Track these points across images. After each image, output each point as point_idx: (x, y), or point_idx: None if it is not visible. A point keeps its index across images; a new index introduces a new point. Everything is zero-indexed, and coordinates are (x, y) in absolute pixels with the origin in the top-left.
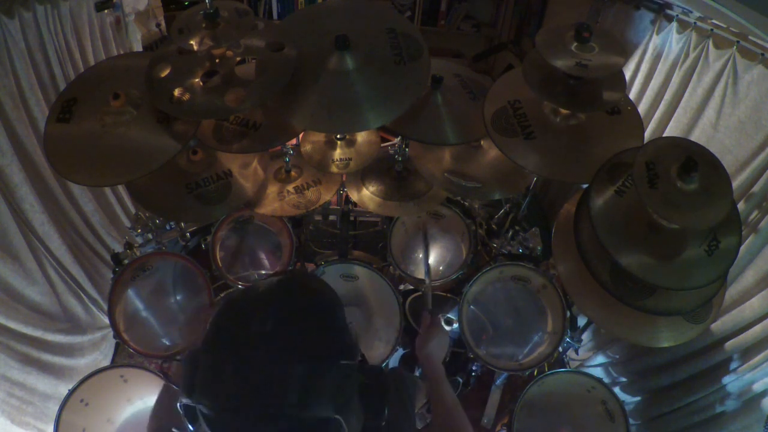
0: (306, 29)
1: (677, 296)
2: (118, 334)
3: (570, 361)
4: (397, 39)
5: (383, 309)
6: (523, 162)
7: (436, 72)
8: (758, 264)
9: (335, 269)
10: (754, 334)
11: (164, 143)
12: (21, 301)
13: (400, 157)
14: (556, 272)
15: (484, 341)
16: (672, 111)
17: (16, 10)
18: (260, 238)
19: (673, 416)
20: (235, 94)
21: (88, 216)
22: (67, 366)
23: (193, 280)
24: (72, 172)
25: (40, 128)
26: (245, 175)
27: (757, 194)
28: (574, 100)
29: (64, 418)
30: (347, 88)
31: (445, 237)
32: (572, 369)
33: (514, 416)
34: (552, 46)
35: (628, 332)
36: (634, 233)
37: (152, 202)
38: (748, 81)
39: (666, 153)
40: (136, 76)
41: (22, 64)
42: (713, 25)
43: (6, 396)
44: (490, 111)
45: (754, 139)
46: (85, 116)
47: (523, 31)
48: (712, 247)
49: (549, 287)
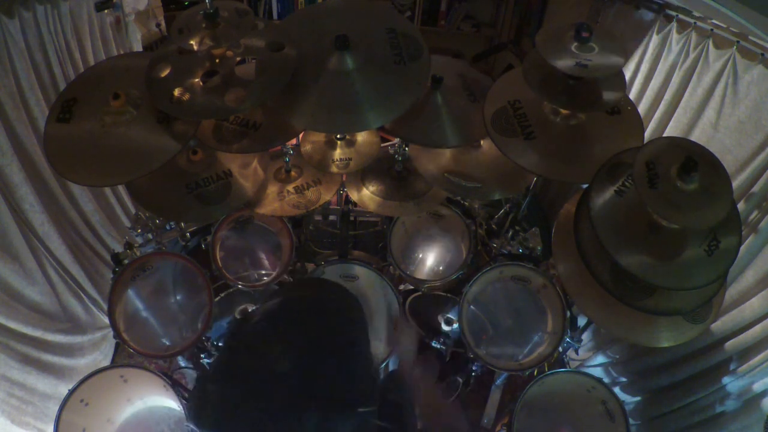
0: (306, 29)
1: (677, 296)
2: (118, 334)
3: (570, 361)
4: (397, 39)
5: (383, 309)
6: (523, 162)
7: (436, 72)
8: (758, 264)
9: (335, 269)
10: (754, 334)
11: (164, 143)
12: (21, 301)
13: (400, 157)
14: (556, 272)
15: (484, 341)
16: (672, 111)
17: (16, 10)
18: (260, 238)
19: (673, 416)
20: (235, 94)
21: (88, 216)
22: (67, 366)
23: (193, 280)
24: (72, 172)
25: (40, 128)
26: (245, 175)
27: (757, 194)
28: (574, 100)
29: (64, 418)
30: (347, 88)
31: (445, 237)
32: (572, 369)
33: (514, 416)
34: (552, 46)
35: (628, 332)
36: (634, 233)
37: (152, 202)
38: (748, 81)
39: (666, 153)
40: (136, 76)
41: (22, 64)
42: (713, 25)
43: (6, 396)
44: (490, 111)
45: (754, 139)
46: (85, 116)
47: (523, 31)
48: (712, 247)
49: (549, 287)
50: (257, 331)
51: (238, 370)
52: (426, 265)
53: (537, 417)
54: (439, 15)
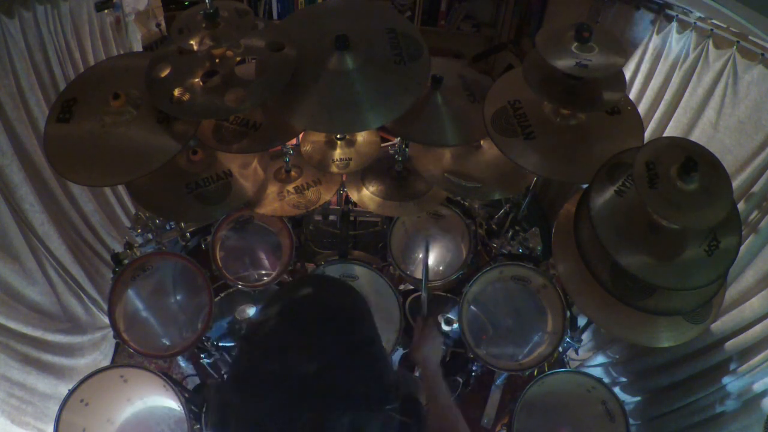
0: (306, 29)
1: (677, 296)
2: (118, 334)
3: (570, 361)
4: (397, 39)
5: (383, 309)
6: (523, 162)
7: (436, 72)
8: (758, 264)
9: (335, 269)
10: (754, 334)
11: (164, 143)
12: (21, 301)
13: (400, 157)
14: (556, 272)
15: (484, 341)
16: (672, 111)
17: (16, 10)
18: (260, 238)
19: (673, 416)
20: (235, 94)
21: (88, 216)
22: (67, 366)
23: (193, 280)
24: (72, 172)
25: (40, 128)
26: (245, 175)
27: (757, 194)
28: (574, 100)
29: (64, 418)
30: (347, 88)
31: (445, 237)
32: (572, 369)
33: (514, 416)
34: (552, 46)
35: (628, 332)
36: (634, 233)
37: (152, 202)
38: (748, 81)
39: (666, 153)
40: (136, 76)
41: (22, 64)
42: (713, 25)
43: (6, 396)
44: (490, 111)
45: (754, 139)
46: (85, 116)
47: (523, 31)
48: (712, 247)
49: (549, 287)
50: (273, 337)
51: (259, 379)
52: None
53: (537, 417)
54: (439, 15)
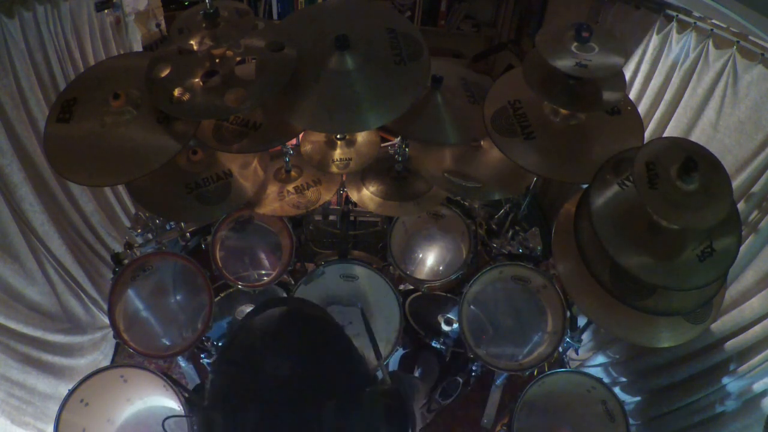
0: (306, 29)
1: (677, 296)
2: (118, 334)
3: (570, 361)
4: (397, 39)
5: (383, 309)
6: (523, 162)
7: (436, 72)
8: (758, 264)
9: (335, 269)
10: (754, 334)
11: (164, 143)
12: (21, 301)
13: (400, 157)
14: (556, 272)
15: (484, 341)
16: (672, 111)
17: (16, 10)
18: (260, 238)
19: (673, 416)
20: (235, 94)
21: (88, 216)
22: (67, 366)
23: (193, 280)
24: (72, 172)
25: (40, 128)
26: (245, 175)
27: (757, 194)
28: (574, 100)
29: (64, 418)
30: (347, 88)
31: (445, 237)
32: (572, 369)
33: (514, 416)
34: (552, 46)
35: (628, 332)
36: (634, 233)
37: (152, 202)
38: (748, 81)
39: (666, 153)
40: (136, 76)
41: (22, 64)
42: (713, 25)
43: (6, 396)
44: (490, 111)
45: (754, 139)
46: (85, 116)
47: (523, 31)
48: (705, 253)
49: (549, 287)
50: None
51: (238, 394)
52: (426, 265)
53: (537, 417)
54: (439, 15)
